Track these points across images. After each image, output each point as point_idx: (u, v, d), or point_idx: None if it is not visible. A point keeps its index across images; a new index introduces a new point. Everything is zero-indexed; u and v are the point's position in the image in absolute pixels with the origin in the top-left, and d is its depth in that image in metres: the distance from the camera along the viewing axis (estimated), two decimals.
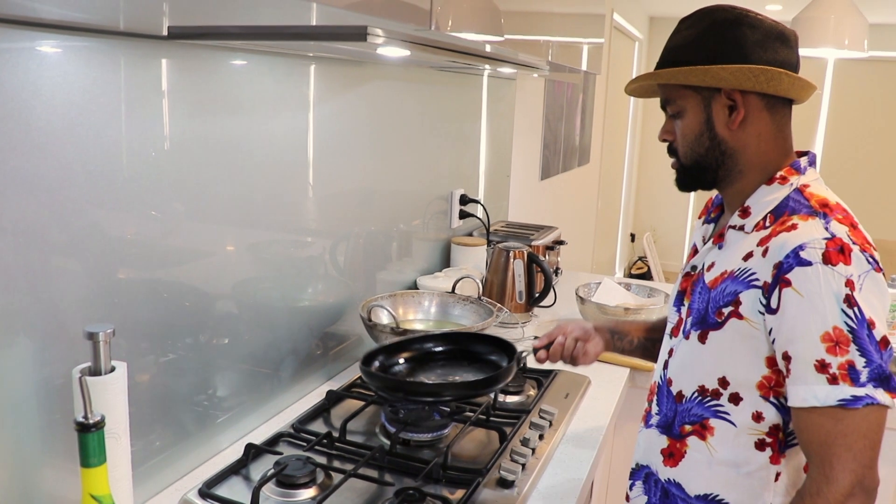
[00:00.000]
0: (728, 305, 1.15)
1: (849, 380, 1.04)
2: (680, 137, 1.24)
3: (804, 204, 1.15)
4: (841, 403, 1.04)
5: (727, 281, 1.17)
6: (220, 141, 1.38)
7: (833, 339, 1.04)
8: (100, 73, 1.10)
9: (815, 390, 1.05)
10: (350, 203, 1.89)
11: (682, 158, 1.25)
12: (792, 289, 1.06)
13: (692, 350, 1.23)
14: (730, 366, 1.17)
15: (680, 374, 1.26)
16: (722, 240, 1.24)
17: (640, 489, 1.35)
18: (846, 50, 2.48)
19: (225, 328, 1.47)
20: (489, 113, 2.81)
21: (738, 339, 1.15)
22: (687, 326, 1.25)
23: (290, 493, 1.31)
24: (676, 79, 1.20)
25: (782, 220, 1.13)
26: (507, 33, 1.77)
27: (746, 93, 1.17)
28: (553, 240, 2.76)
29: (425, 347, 1.69)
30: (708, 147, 1.21)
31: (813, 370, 1.05)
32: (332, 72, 1.73)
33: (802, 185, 1.19)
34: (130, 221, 1.20)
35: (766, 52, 1.15)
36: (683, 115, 1.22)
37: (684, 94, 1.21)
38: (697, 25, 1.19)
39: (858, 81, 7.22)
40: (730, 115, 1.18)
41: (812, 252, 1.06)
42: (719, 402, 1.20)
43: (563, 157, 4.34)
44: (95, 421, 0.94)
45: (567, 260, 3.35)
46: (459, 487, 1.35)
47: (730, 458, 1.20)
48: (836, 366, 1.04)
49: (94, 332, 1.03)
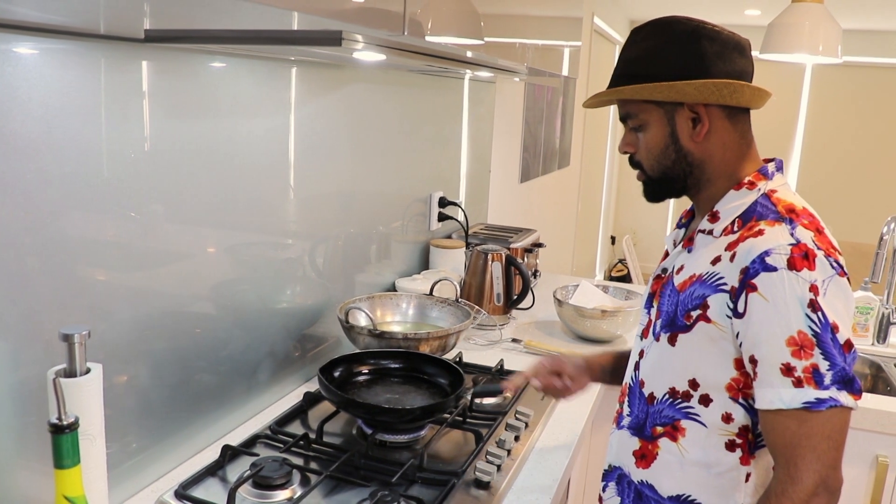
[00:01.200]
0: (696, 309, 1.16)
1: (813, 383, 1.05)
2: (644, 151, 1.24)
3: (771, 209, 1.16)
4: (805, 406, 1.06)
5: (695, 284, 1.18)
6: (200, 143, 1.39)
7: (798, 343, 1.06)
8: (77, 75, 1.10)
9: (781, 393, 1.07)
10: (330, 205, 1.89)
11: (648, 171, 1.25)
12: (758, 293, 1.08)
13: (662, 352, 1.24)
14: (699, 368, 1.19)
15: (651, 376, 1.28)
16: (691, 244, 1.25)
17: (613, 490, 1.36)
18: (820, 56, 2.51)
19: (202, 330, 1.47)
20: (468, 116, 2.82)
21: (706, 342, 1.16)
22: (657, 328, 1.26)
23: (266, 495, 1.31)
24: (640, 95, 1.19)
25: (750, 226, 1.14)
26: (487, 37, 1.78)
27: (709, 105, 1.18)
28: (532, 242, 2.78)
29: (382, 364, 1.75)
30: (674, 160, 1.22)
31: (779, 373, 1.07)
32: (313, 75, 1.73)
33: (770, 190, 1.20)
34: (108, 223, 1.20)
35: (726, 63, 1.16)
36: (646, 128, 1.23)
37: (646, 109, 1.21)
38: (655, 38, 1.19)
39: (835, 86, 7.31)
40: (694, 128, 1.19)
41: (777, 258, 1.07)
42: (689, 403, 1.21)
43: (542, 159, 4.36)
44: (69, 422, 0.94)
45: (547, 263, 3.37)
46: (435, 489, 1.36)
47: (701, 459, 1.21)
48: (801, 369, 1.06)
49: (69, 333, 1.03)
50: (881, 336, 2.48)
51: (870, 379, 2.42)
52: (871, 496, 1.99)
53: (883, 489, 1.98)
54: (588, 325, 2.24)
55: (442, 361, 1.73)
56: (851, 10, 5.69)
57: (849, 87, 7.27)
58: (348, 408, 1.54)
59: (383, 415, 1.51)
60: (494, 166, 3.29)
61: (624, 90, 1.20)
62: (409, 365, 1.75)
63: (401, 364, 1.75)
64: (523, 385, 1.56)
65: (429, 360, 1.74)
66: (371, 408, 1.53)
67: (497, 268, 2.32)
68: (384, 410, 1.51)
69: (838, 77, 7.23)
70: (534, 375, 1.52)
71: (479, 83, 2.90)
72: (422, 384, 1.70)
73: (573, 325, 2.28)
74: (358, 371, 1.72)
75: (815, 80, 7.38)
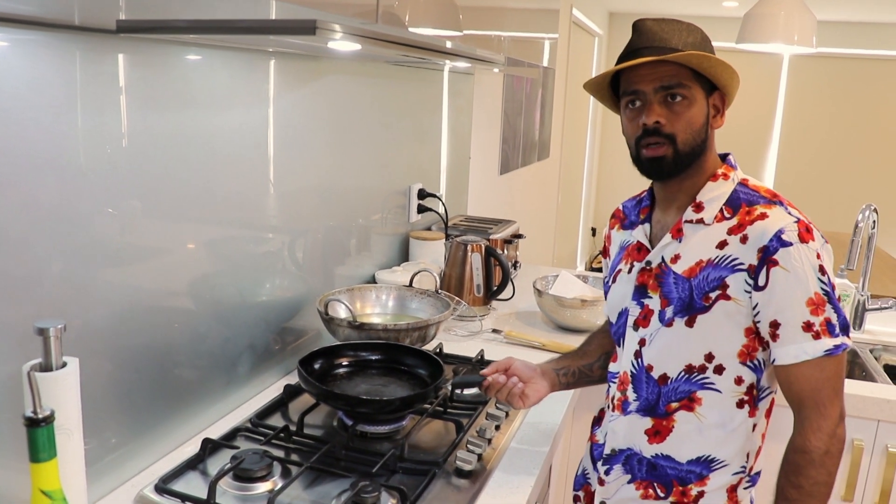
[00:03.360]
0: (715, 290, 1.28)
1: (828, 333, 1.23)
2: (685, 124, 1.28)
3: (757, 195, 1.30)
4: (827, 353, 1.23)
5: (707, 269, 1.29)
6: (177, 137, 1.38)
7: (815, 303, 1.23)
8: (47, 67, 1.09)
9: (805, 346, 1.23)
10: (309, 198, 1.89)
11: (681, 145, 1.29)
12: (780, 267, 1.22)
13: (677, 335, 1.32)
14: (716, 342, 1.30)
15: (662, 359, 1.35)
16: (681, 234, 1.34)
17: (619, 471, 1.41)
18: (796, 45, 2.53)
19: (182, 324, 1.46)
20: (448, 108, 2.82)
21: (723, 318, 1.28)
22: (667, 315, 1.33)
23: (247, 487, 1.32)
24: (722, 67, 1.26)
25: (748, 211, 1.28)
26: (466, 29, 1.78)
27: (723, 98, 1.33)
28: (511, 233, 2.79)
29: (360, 355, 1.75)
30: (703, 139, 1.31)
31: (801, 331, 1.23)
32: (292, 67, 1.73)
33: (742, 179, 1.34)
34: (84, 219, 1.19)
35: None
36: (692, 104, 1.28)
37: (695, 86, 1.29)
38: (696, 33, 1.31)
39: (812, 77, 7.37)
40: (714, 116, 1.32)
41: (791, 234, 1.23)
42: (705, 375, 1.32)
43: (522, 151, 4.36)
44: (45, 415, 0.93)
45: (528, 254, 3.38)
46: (416, 478, 1.36)
47: (718, 421, 1.33)
48: (818, 324, 1.23)
49: (44, 327, 1.02)
50: (857, 323, 2.51)
51: (847, 365, 2.45)
52: (847, 479, 2.02)
53: (858, 472, 2.01)
54: (568, 315, 2.25)
55: (422, 352, 1.73)
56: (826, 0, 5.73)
57: (825, 77, 7.34)
58: (328, 400, 1.54)
59: (363, 406, 1.51)
60: (474, 158, 3.29)
61: (710, 58, 1.24)
62: (389, 356, 1.75)
63: (380, 356, 1.75)
64: None
65: (408, 351, 1.75)
66: (351, 399, 1.53)
67: (477, 259, 2.32)
68: (364, 402, 1.51)
69: (815, 68, 7.29)
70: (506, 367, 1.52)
71: (457, 75, 2.90)
72: (402, 375, 1.71)
73: (553, 315, 2.29)
74: (338, 363, 1.72)
75: (791, 71, 7.44)
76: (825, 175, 7.47)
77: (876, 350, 2.43)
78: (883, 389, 2.04)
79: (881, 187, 7.31)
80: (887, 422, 1.99)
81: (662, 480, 1.36)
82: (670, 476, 1.35)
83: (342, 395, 1.55)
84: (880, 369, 2.29)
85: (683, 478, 1.35)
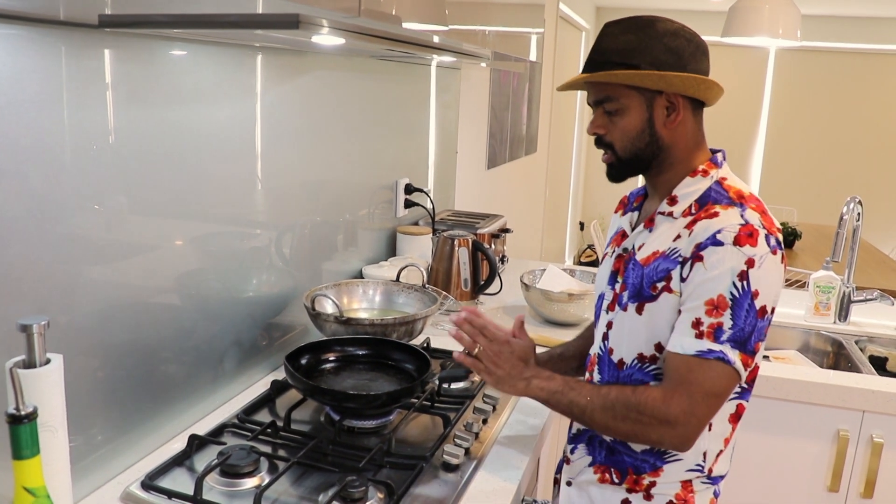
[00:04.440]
0: (661, 281, 1.30)
1: (712, 337, 1.22)
2: (619, 133, 1.34)
3: (724, 195, 1.30)
4: (698, 354, 1.22)
5: (659, 259, 1.31)
6: (164, 132, 1.38)
7: (714, 304, 1.22)
8: (31, 61, 1.09)
9: (684, 341, 1.24)
10: (296, 194, 1.89)
11: (620, 152, 1.35)
12: (701, 263, 1.23)
13: (630, 320, 1.35)
14: (663, 333, 1.30)
15: (620, 344, 1.38)
16: (652, 224, 1.37)
17: (583, 451, 1.44)
18: (780, 39, 2.54)
19: (168, 321, 1.46)
20: (434, 102, 2.82)
21: (668, 309, 1.29)
22: (624, 300, 1.36)
23: (233, 483, 1.31)
24: (632, 80, 1.29)
25: (707, 208, 1.29)
26: (451, 23, 1.78)
27: (682, 97, 1.31)
28: (499, 228, 2.79)
29: (347, 350, 1.75)
30: (647, 143, 1.33)
31: (689, 325, 1.24)
32: (279, 62, 1.72)
33: (721, 177, 1.34)
34: (70, 214, 1.19)
35: (698, 62, 1.30)
36: (624, 113, 1.32)
37: (628, 94, 1.31)
38: (639, 32, 1.29)
39: (798, 71, 7.40)
40: (668, 116, 1.32)
41: (727, 234, 1.23)
42: (656, 366, 1.33)
43: (509, 146, 4.36)
44: (27, 412, 0.93)
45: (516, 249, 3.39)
46: (403, 472, 1.37)
47: None
48: (707, 325, 1.22)
49: (27, 324, 1.02)
50: (842, 314, 2.53)
51: (832, 356, 2.47)
52: (832, 469, 2.04)
53: (844, 461, 2.03)
54: (555, 309, 2.25)
55: (409, 347, 1.73)
56: None
57: (811, 71, 7.37)
58: (315, 395, 1.54)
59: (350, 401, 1.51)
60: (461, 153, 3.29)
61: (617, 74, 1.29)
62: (376, 351, 1.75)
63: (367, 350, 1.75)
64: None
65: (395, 345, 1.75)
66: (338, 394, 1.53)
67: (464, 253, 2.32)
68: (351, 396, 1.51)
69: (801, 61, 7.32)
70: None
71: (444, 70, 2.89)
72: (389, 370, 1.71)
73: (540, 309, 2.29)
74: (324, 358, 1.72)
75: (778, 65, 7.47)
76: (812, 168, 7.51)
77: (861, 341, 2.45)
78: (868, 380, 2.06)
79: (868, 180, 7.36)
80: (872, 412, 2.00)
81: (619, 466, 1.38)
82: (626, 463, 1.37)
83: (329, 391, 1.55)
84: (865, 360, 2.31)
85: (638, 466, 1.36)
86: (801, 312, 2.58)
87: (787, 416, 2.06)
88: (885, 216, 7.16)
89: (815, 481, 2.07)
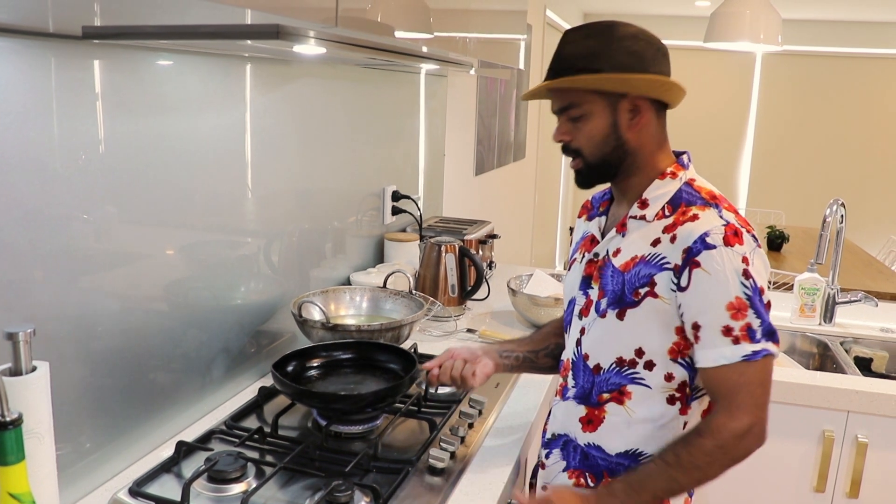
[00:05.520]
0: (644, 286, 1.30)
1: (748, 338, 1.23)
2: (585, 139, 1.34)
3: (697, 196, 1.31)
4: (744, 358, 1.23)
5: (640, 265, 1.31)
6: (152, 142, 1.39)
7: (735, 307, 1.23)
8: (17, 73, 1.10)
9: (723, 351, 1.24)
10: (284, 202, 1.90)
11: (587, 158, 1.35)
12: (701, 269, 1.23)
13: (609, 327, 1.35)
14: (645, 337, 1.32)
15: (596, 349, 1.38)
16: (625, 228, 1.36)
17: (557, 456, 1.44)
18: (761, 44, 2.57)
19: (156, 328, 1.47)
20: (422, 109, 2.83)
21: (652, 314, 1.30)
22: (602, 306, 1.36)
23: (221, 489, 1.32)
24: (594, 85, 1.29)
25: (683, 211, 1.29)
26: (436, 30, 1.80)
27: (646, 99, 1.31)
28: (486, 234, 2.81)
29: (333, 355, 1.76)
30: (614, 147, 1.33)
31: (720, 335, 1.24)
32: (267, 71, 1.74)
33: (690, 179, 1.35)
34: (58, 223, 1.20)
35: (658, 64, 1.31)
36: (589, 118, 1.32)
37: (591, 99, 1.31)
38: (599, 37, 1.30)
39: (784, 74, 7.46)
40: (632, 119, 1.32)
41: (715, 237, 1.23)
42: (636, 370, 1.34)
43: (497, 152, 4.39)
44: (12, 419, 0.94)
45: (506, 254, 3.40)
46: (389, 477, 1.38)
47: (646, 416, 1.34)
48: (738, 329, 1.23)
49: (13, 332, 1.03)
50: (827, 316, 2.55)
51: (817, 358, 2.49)
52: (818, 469, 2.06)
53: (829, 461, 2.05)
54: (542, 314, 2.27)
55: (393, 347, 1.75)
56: None
57: (798, 75, 7.43)
58: (303, 399, 1.55)
59: (337, 402, 1.52)
60: (449, 160, 3.31)
61: (578, 79, 1.29)
62: (361, 354, 1.76)
63: (352, 354, 1.76)
64: None
65: (380, 347, 1.76)
66: (325, 396, 1.54)
67: (451, 259, 2.34)
68: (338, 398, 1.53)
69: (787, 65, 7.37)
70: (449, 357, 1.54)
71: (430, 77, 2.91)
72: (375, 371, 1.72)
73: (527, 314, 2.31)
74: (310, 365, 1.72)
75: (765, 69, 7.52)
76: (800, 171, 7.56)
77: (846, 342, 2.47)
78: (853, 381, 2.08)
79: (855, 182, 7.41)
80: (857, 412, 2.02)
81: (593, 470, 1.38)
82: (601, 467, 1.38)
83: (317, 394, 1.57)
84: (850, 361, 2.33)
85: (613, 469, 1.36)
86: (786, 314, 2.60)
87: (774, 417, 2.04)
88: (872, 218, 7.21)
89: (802, 482, 2.09)
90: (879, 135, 7.36)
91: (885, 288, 3.89)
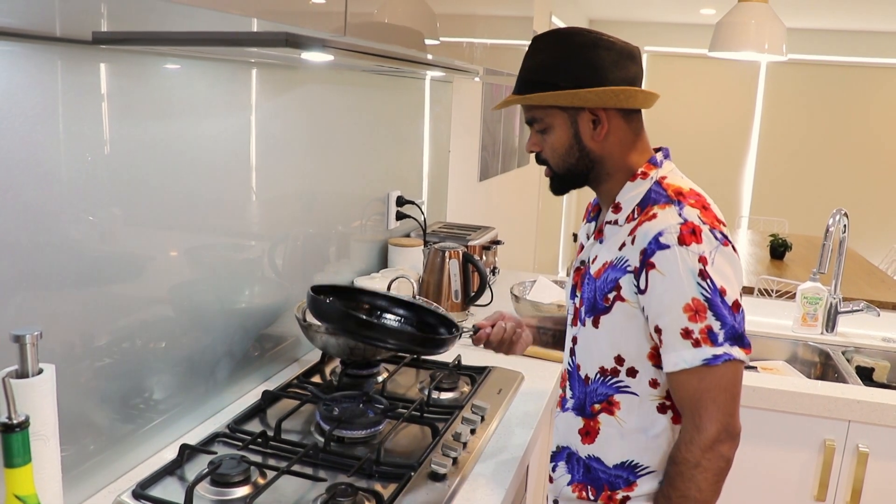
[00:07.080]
0: (612, 291, 1.29)
1: (709, 341, 1.20)
2: (550, 151, 1.35)
3: (663, 194, 1.28)
4: (704, 362, 1.21)
5: (608, 270, 1.30)
6: (158, 145, 1.40)
7: (693, 309, 1.20)
8: (25, 77, 1.11)
9: (683, 354, 1.22)
10: (289, 206, 1.91)
11: (554, 168, 1.37)
12: (656, 270, 1.22)
13: (589, 335, 1.35)
14: (622, 344, 1.31)
15: (584, 359, 1.38)
16: (602, 235, 1.36)
17: (563, 469, 1.44)
18: (766, 53, 2.58)
19: (161, 331, 1.48)
20: (427, 115, 2.84)
21: (624, 319, 1.29)
22: (582, 314, 1.36)
23: (224, 492, 1.33)
24: (546, 101, 1.30)
25: (646, 211, 1.27)
26: (442, 36, 1.81)
27: (608, 108, 1.30)
28: (490, 240, 2.81)
29: (378, 304, 1.77)
30: (578, 157, 1.33)
31: (679, 337, 1.22)
32: (273, 77, 1.75)
33: (661, 177, 1.32)
34: (64, 225, 1.21)
35: (621, 70, 1.28)
36: (551, 131, 1.33)
37: (551, 113, 1.32)
38: (555, 48, 1.30)
39: (789, 83, 7.46)
40: (594, 129, 1.31)
41: (669, 236, 1.21)
42: (619, 378, 1.33)
43: (501, 158, 4.39)
44: (19, 421, 0.95)
45: (509, 260, 3.41)
46: (391, 482, 1.38)
47: (638, 426, 1.33)
48: (698, 331, 1.20)
49: (20, 334, 1.04)
50: (829, 325, 2.55)
51: (819, 367, 2.49)
52: (819, 478, 2.06)
53: (830, 471, 2.05)
54: None
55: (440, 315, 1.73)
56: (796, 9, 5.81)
57: (802, 83, 7.44)
58: (341, 321, 1.52)
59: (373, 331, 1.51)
60: (453, 165, 3.32)
61: (531, 97, 1.30)
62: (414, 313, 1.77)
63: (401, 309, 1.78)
64: None
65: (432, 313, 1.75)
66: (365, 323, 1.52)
67: (454, 265, 2.34)
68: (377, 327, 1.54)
69: (792, 74, 7.38)
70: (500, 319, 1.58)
71: (436, 83, 2.92)
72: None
73: None
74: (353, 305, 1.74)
75: (769, 77, 7.52)
76: (803, 179, 7.57)
77: (848, 352, 2.47)
78: (854, 390, 2.08)
79: (858, 191, 7.41)
80: (858, 422, 2.03)
81: (595, 483, 1.37)
82: (601, 479, 1.36)
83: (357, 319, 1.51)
84: (852, 371, 2.33)
85: (612, 482, 1.35)
86: (788, 323, 2.60)
87: (775, 426, 2.09)
88: (875, 227, 7.21)
89: (803, 490, 2.10)
90: (883, 144, 7.36)
91: (887, 297, 3.89)
